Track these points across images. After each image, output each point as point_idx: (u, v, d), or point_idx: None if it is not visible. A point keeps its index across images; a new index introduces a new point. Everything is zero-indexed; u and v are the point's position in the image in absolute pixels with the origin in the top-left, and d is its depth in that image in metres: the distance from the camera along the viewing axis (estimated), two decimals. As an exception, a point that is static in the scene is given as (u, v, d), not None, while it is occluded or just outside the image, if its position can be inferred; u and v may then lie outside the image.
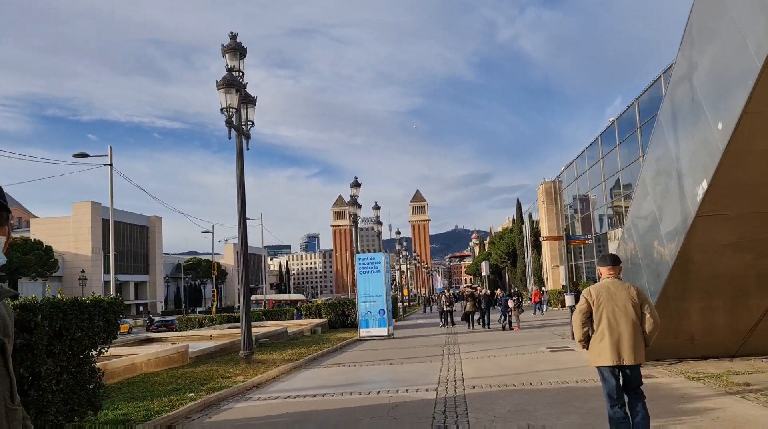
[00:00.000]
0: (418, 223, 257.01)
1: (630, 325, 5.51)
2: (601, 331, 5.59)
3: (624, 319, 5.52)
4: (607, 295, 5.65)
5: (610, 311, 5.57)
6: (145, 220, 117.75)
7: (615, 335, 5.51)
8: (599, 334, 5.60)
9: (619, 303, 5.58)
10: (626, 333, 5.50)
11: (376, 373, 13.21)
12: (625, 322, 5.51)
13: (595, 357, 5.66)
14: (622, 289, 5.67)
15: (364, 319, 23.90)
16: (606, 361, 5.53)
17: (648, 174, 9.97)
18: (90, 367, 7.32)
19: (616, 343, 5.49)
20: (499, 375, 11.32)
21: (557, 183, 69.70)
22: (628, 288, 5.70)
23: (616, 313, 5.55)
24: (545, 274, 72.82)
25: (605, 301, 5.62)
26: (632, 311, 5.54)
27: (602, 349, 5.56)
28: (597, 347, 5.63)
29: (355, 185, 32.76)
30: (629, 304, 5.57)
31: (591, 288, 5.85)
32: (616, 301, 5.59)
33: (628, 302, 5.58)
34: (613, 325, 5.53)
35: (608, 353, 5.50)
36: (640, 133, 40.68)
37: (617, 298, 5.61)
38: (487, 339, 20.05)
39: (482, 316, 26.90)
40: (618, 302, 5.59)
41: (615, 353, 5.48)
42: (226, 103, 14.84)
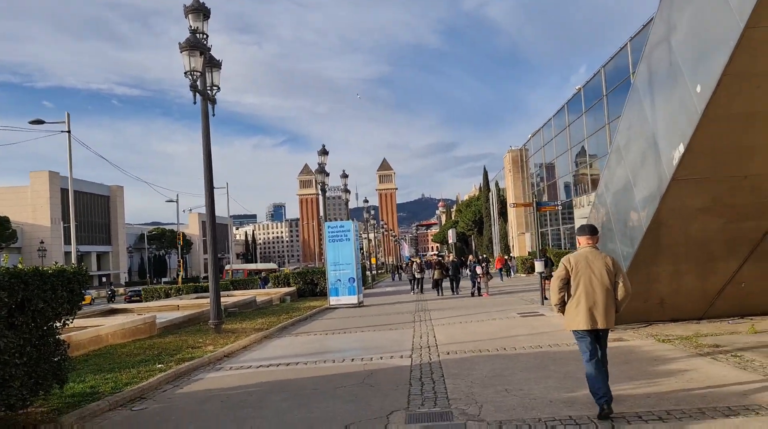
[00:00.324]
0: (385, 192, 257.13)
1: (604, 293, 5.86)
2: (577, 297, 5.92)
3: (600, 287, 5.85)
4: (585, 263, 5.96)
5: (587, 279, 5.89)
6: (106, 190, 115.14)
7: (590, 301, 5.85)
8: (576, 300, 5.93)
9: (596, 271, 5.90)
10: (601, 300, 5.84)
11: (349, 341, 13.13)
12: (600, 290, 5.85)
13: (571, 321, 6.00)
14: (599, 258, 5.99)
15: (333, 288, 23.81)
16: (581, 325, 5.89)
17: (622, 139, 9.94)
18: (54, 339, 7.02)
19: (590, 309, 5.83)
20: (472, 340, 11.33)
21: (524, 151, 70.19)
22: (605, 258, 6.03)
23: (592, 281, 5.87)
24: (511, 242, 73.76)
25: (583, 269, 5.94)
26: (607, 279, 5.88)
27: (578, 314, 5.90)
28: (573, 312, 5.96)
29: (322, 153, 32.28)
30: (605, 272, 5.90)
31: (570, 256, 6.12)
32: (593, 270, 5.91)
33: (604, 271, 5.90)
34: (589, 292, 5.86)
35: (583, 318, 5.86)
36: (606, 100, 40.98)
37: (594, 267, 5.92)
38: (457, 306, 20.15)
39: (451, 282, 27.37)
40: (595, 271, 5.91)
41: (590, 318, 5.84)
42: (190, 66, 14.29)
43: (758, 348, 8.57)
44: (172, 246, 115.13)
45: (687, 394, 6.36)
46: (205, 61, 14.98)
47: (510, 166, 71.27)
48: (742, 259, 9.97)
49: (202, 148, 15.47)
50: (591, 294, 5.87)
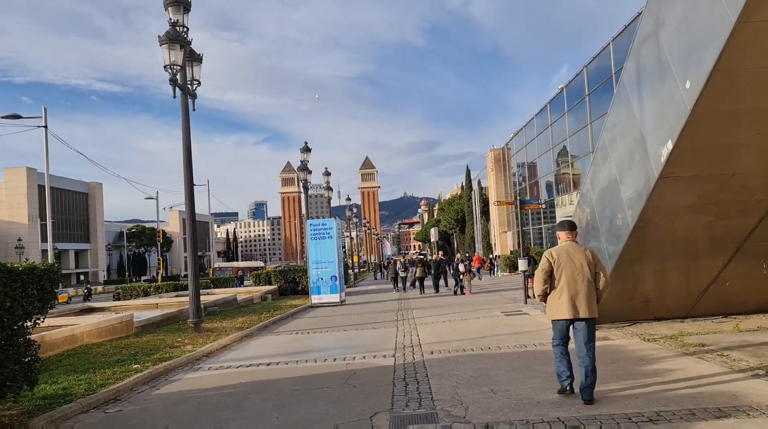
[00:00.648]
0: (368, 190, 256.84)
1: (586, 283, 6.19)
2: (560, 288, 6.25)
3: (581, 278, 6.19)
4: (566, 256, 6.31)
5: (569, 271, 6.23)
6: (85, 187, 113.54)
7: (572, 292, 6.18)
8: (558, 291, 6.27)
9: (577, 263, 6.25)
10: (582, 290, 6.17)
11: (331, 340, 12.92)
12: (581, 281, 6.19)
13: (554, 311, 6.33)
14: (580, 251, 6.37)
15: (315, 286, 23.57)
16: (563, 314, 6.22)
17: (608, 137, 9.84)
18: (24, 339, 6.74)
19: (573, 299, 6.16)
20: (456, 340, 11.18)
21: (506, 150, 70.39)
22: (584, 250, 6.41)
23: (574, 273, 6.21)
24: (493, 240, 73.96)
25: (565, 261, 6.28)
26: (588, 271, 6.23)
27: (561, 304, 6.24)
28: (556, 303, 6.30)
29: (305, 150, 31.98)
30: (585, 264, 6.25)
31: (552, 250, 6.47)
32: (575, 262, 6.26)
33: (584, 263, 6.25)
34: (571, 283, 6.19)
35: (566, 307, 6.19)
36: (589, 100, 41.17)
37: (575, 260, 6.28)
38: (439, 304, 20.02)
39: (433, 280, 27.52)
40: (576, 263, 6.25)
41: (572, 307, 6.16)
42: (169, 59, 13.98)
43: (744, 347, 8.51)
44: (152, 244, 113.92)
45: (676, 394, 6.25)
46: (185, 54, 14.66)
47: (492, 164, 71.43)
48: (728, 258, 9.92)
49: (182, 143, 15.17)
50: (573, 285, 6.19)
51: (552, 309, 6.37)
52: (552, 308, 6.37)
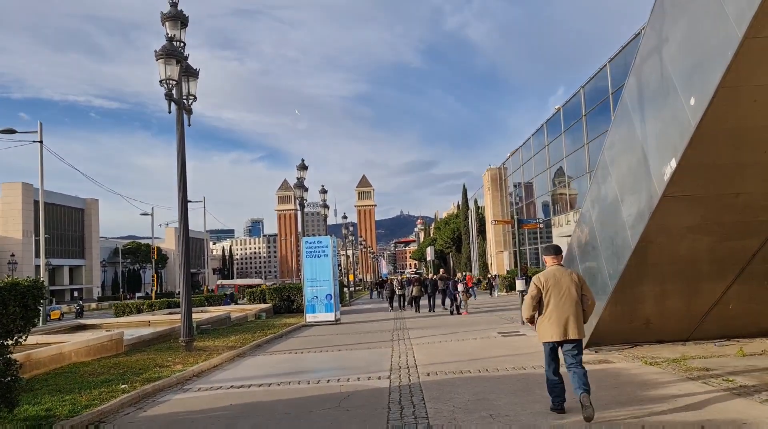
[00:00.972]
0: (364, 209, 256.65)
1: (574, 306, 6.45)
2: (549, 311, 6.50)
3: (569, 301, 6.45)
4: (554, 280, 6.56)
5: (557, 294, 6.48)
6: (81, 203, 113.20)
7: (561, 315, 6.43)
8: (548, 315, 6.51)
9: (564, 287, 6.50)
10: (571, 313, 6.43)
11: (325, 361, 12.63)
12: (570, 304, 6.44)
13: (545, 333, 6.56)
14: (566, 275, 6.63)
15: (310, 305, 23.26)
16: (554, 337, 6.46)
17: (609, 155, 9.67)
18: (5, 358, 6.48)
19: (563, 322, 6.41)
20: (453, 361, 10.91)
21: (503, 169, 70.46)
22: (570, 274, 6.67)
23: (562, 296, 6.46)
24: (490, 260, 73.67)
25: (552, 285, 6.53)
26: (575, 294, 6.49)
27: (551, 327, 6.48)
28: (546, 325, 6.53)
29: (302, 167, 31.86)
30: (573, 287, 6.51)
31: (540, 275, 6.69)
32: (562, 286, 6.51)
33: (571, 286, 6.52)
34: (560, 307, 6.45)
35: (556, 330, 6.44)
36: (585, 121, 41.26)
37: (562, 283, 6.53)
38: (436, 324, 19.74)
39: (429, 300, 27.79)
40: (563, 286, 6.51)
41: (562, 330, 6.41)
42: (165, 74, 13.85)
43: (749, 372, 8.27)
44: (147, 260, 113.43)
45: (682, 421, 6.00)
46: (181, 70, 14.55)
47: (489, 184, 71.42)
48: (731, 280, 9.71)
49: (176, 158, 14.98)
50: (562, 308, 6.45)
51: (543, 331, 6.60)
52: (543, 331, 6.60)
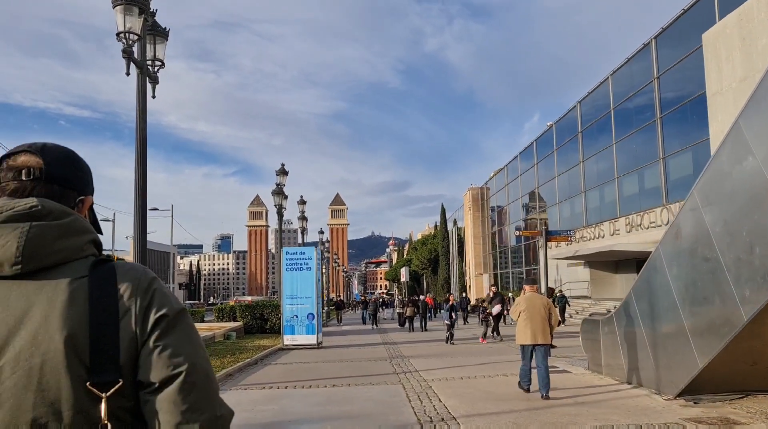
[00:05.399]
0: (337, 227, 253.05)
1: (541, 320, 9.13)
2: (525, 323, 9.17)
3: (538, 317, 9.14)
4: (530, 302, 9.31)
5: (531, 312, 9.16)
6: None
7: (532, 326, 9.08)
8: (523, 325, 9.20)
9: (536, 307, 9.22)
10: (539, 325, 9.10)
11: (320, 403, 9.53)
12: (539, 319, 9.13)
13: (521, 338, 9.27)
14: (539, 298, 9.53)
15: (289, 325, 20.11)
16: (527, 341, 9.12)
17: (753, 120, 6.92)
18: None
19: (533, 331, 9.06)
20: (502, 411, 7.98)
21: (485, 190, 68.25)
22: (541, 298, 9.67)
23: (533, 313, 9.15)
24: (468, 282, 71.08)
25: (528, 306, 9.25)
26: (543, 312, 9.19)
27: (525, 334, 9.15)
28: (522, 333, 9.24)
29: (281, 173, 28.73)
30: (542, 308, 9.24)
31: (521, 298, 9.72)
32: (535, 306, 9.24)
33: (541, 307, 9.26)
34: (531, 319, 9.13)
35: (528, 336, 9.09)
36: (581, 137, 39.17)
37: (535, 304, 9.27)
38: (436, 352, 16.84)
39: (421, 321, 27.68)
40: (536, 307, 9.23)
41: (532, 336, 9.05)
42: (124, 25, 10.77)
43: None
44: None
45: None
46: (145, 24, 11.58)
47: (470, 204, 69.08)
48: None
49: (135, 136, 11.93)
50: (533, 320, 9.09)
51: (519, 337, 9.30)
52: (519, 336, 9.30)
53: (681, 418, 7.12)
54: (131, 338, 1.27)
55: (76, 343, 1.22)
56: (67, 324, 1.23)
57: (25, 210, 1.29)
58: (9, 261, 1.25)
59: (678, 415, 7.29)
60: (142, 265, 1.40)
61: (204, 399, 1.27)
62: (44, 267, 1.27)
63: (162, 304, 1.32)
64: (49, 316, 1.23)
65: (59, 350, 1.20)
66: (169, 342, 1.28)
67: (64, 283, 1.27)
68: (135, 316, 1.28)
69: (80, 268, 1.30)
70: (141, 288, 1.32)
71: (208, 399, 1.28)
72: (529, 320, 9.01)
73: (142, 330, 1.28)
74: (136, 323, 1.28)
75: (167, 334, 1.29)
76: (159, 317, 1.30)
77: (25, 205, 1.30)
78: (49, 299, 1.24)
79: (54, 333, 1.22)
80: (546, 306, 9.22)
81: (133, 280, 1.32)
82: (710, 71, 15.78)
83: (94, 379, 1.21)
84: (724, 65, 14.85)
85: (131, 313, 1.29)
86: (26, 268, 1.25)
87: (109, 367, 1.23)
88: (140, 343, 1.28)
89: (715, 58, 15.43)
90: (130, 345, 1.26)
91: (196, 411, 1.24)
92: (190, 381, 1.26)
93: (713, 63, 15.55)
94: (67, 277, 1.28)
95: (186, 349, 1.29)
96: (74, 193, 1.43)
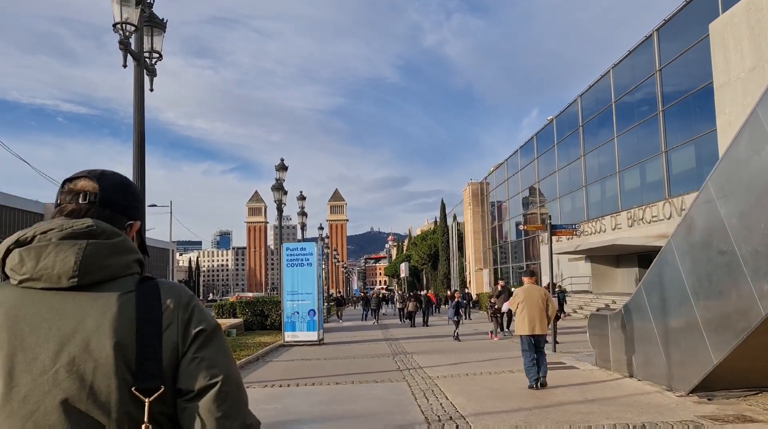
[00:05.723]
0: (336, 223, 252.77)
1: (539, 311, 9.49)
2: (524, 314, 9.52)
3: (536, 308, 9.49)
4: (528, 294, 9.66)
5: (529, 303, 9.53)
6: (41, 207, 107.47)
7: (531, 316, 9.45)
8: (522, 316, 9.55)
9: (534, 298, 9.57)
10: (537, 316, 9.45)
11: (323, 401, 9.32)
12: (537, 310, 9.48)
13: (520, 329, 9.57)
14: (537, 290, 9.81)
15: (290, 321, 19.89)
16: (526, 331, 9.43)
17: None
18: None
19: (531, 321, 9.42)
20: (510, 409, 7.78)
21: (485, 184, 67.98)
22: (539, 289, 9.92)
23: (532, 305, 9.51)
24: (469, 277, 70.87)
25: (527, 297, 9.59)
26: (541, 303, 9.54)
27: (524, 325, 9.48)
28: (521, 323, 9.58)
29: (281, 168, 28.50)
30: (540, 299, 9.57)
31: (520, 289, 10.10)
32: (533, 297, 9.59)
33: (539, 298, 9.58)
34: (530, 311, 9.48)
35: (527, 327, 9.43)
36: (582, 131, 38.93)
37: (533, 296, 9.62)
38: (440, 348, 16.65)
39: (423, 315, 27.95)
40: (533, 298, 9.58)
41: (531, 327, 9.41)
42: (121, 16, 10.55)
43: None
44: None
45: None
46: (143, 16, 11.34)
47: (470, 199, 68.79)
48: None
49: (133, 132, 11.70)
50: (532, 312, 9.45)
51: (519, 327, 9.64)
52: (519, 327, 9.64)
53: (696, 416, 6.92)
54: (173, 349, 1.38)
55: (124, 352, 1.34)
56: (116, 334, 1.34)
57: (83, 229, 1.41)
58: (67, 274, 1.36)
59: (693, 413, 7.09)
60: (181, 284, 1.55)
61: (236, 408, 1.38)
62: (96, 281, 1.39)
63: (200, 319, 1.44)
64: (101, 325, 1.35)
65: (109, 356, 1.32)
66: (206, 354, 1.40)
67: (114, 297, 1.39)
68: (177, 330, 1.40)
69: (128, 284, 1.42)
70: (182, 304, 1.44)
71: (239, 408, 1.39)
72: (528, 311, 9.39)
73: (183, 342, 1.40)
74: (177, 336, 1.40)
75: (205, 347, 1.41)
76: (198, 331, 1.41)
77: (83, 225, 1.42)
78: (101, 311, 1.36)
79: (105, 341, 1.34)
80: (544, 297, 9.57)
81: (175, 297, 1.45)
82: (717, 62, 15.53)
83: (138, 385, 1.33)
84: (732, 55, 14.61)
85: (173, 326, 1.40)
86: (81, 281, 1.37)
87: (153, 374, 1.35)
88: (180, 354, 1.39)
89: (722, 49, 15.19)
90: (172, 355, 1.38)
91: (228, 418, 1.35)
92: (224, 390, 1.37)
93: (720, 53, 15.31)
94: (116, 291, 1.40)
95: (221, 361, 1.41)
96: (124, 218, 1.55)
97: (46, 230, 1.41)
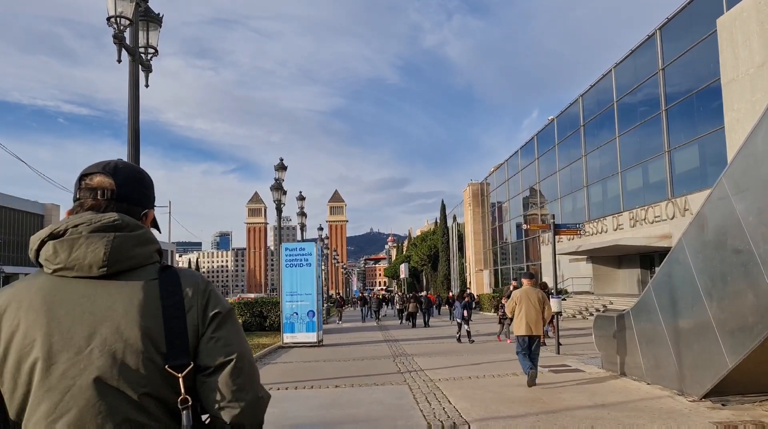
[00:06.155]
0: (336, 224, 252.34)
1: (535, 313, 9.78)
2: (521, 315, 9.80)
3: (533, 310, 9.78)
4: (525, 295, 9.90)
5: (526, 305, 9.80)
6: (40, 208, 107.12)
7: (528, 318, 9.73)
8: (519, 317, 9.82)
9: (532, 300, 9.84)
10: (533, 317, 9.75)
11: (322, 405, 9.03)
12: (534, 312, 9.77)
13: (517, 329, 9.86)
14: (534, 292, 10.02)
15: (288, 323, 19.60)
16: (522, 332, 9.72)
17: None
18: None
19: (528, 323, 9.70)
20: (516, 414, 7.50)
21: (485, 185, 67.66)
22: (537, 292, 10.09)
23: (529, 306, 9.78)
24: (469, 278, 70.54)
25: (524, 299, 9.85)
26: (538, 305, 9.83)
27: (520, 325, 9.76)
28: (517, 324, 9.85)
29: (280, 168, 28.18)
30: (537, 301, 9.85)
31: (517, 291, 10.17)
32: (530, 299, 9.85)
33: (536, 300, 9.86)
34: (527, 312, 9.75)
35: (524, 327, 9.71)
36: (583, 131, 38.65)
37: (531, 298, 9.87)
38: (441, 350, 16.38)
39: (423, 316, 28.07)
40: (531, 300, 9.84)
41: (528, 328, 9.69)
42: (115, 10, 10.32)
43: None
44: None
45: None
46: (138, 10, 11.06)
47: (470, 199, 68.47)
48: None
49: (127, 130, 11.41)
50: (528, 314, 9.76)
51: (516, 328, 9.91)
52: (516, 327, 9.91)
53: (711, 422, 6.64)
54: (194, 330, 1.53)
55: (151, 333, 1.47)
56: (143, 317, 1.48)
57: (110, 223, 1.54)
58: (97, 264, 1.49)
59: (707, 419, 6.81)
60: (198, 272, 1.69)
61: (249, 381, 1.53)
62: (122, 270, 1.53)
63: (216, 303, 1.59)
64: (129, 310, 1.48)
65: (138, 337, 1.46)
66: (222, 334, 1.55)
67: (139, 285, 1.52)
68: (197, 313, 1.54)
69: (151, 272, 1.56)
70: (200, 290, 1.59)
71: (252, 382, 1.54)
72: (525, 313, 9.68)
73: (203, 324, 1.54)
74: (198, 318, 1.54)
75: (221, 328, 1.55)
76: (215, 314, 1.56)
77: (110, 219, 1.54)
78: (129, 297, 1.50)
79: (133, 324, 1.47)
80: (541, 300, 9.83)
81: (193, 284, 1.58)
82: (725, 58, 15.25)
83: (171, 363, 1.47)
84: (741, 51, 14.33)
85: (194, 310, 1.54)
86: (110, 270, 1.51)
87: (182, 352, 1.49)
88: (200, 334, 1.54)
89: (730, 44, 14.91)
90: (193, 335, 1.52)
91: (243, 390, 1.51)
92: (239, 366, 1.52)
93: (728, 49, 15.03)
94: (141, 279, 1.54)
95: (236, 340, 1.56)
96: (140, 208, 1.67)
97: (77, 224, 1.52)
